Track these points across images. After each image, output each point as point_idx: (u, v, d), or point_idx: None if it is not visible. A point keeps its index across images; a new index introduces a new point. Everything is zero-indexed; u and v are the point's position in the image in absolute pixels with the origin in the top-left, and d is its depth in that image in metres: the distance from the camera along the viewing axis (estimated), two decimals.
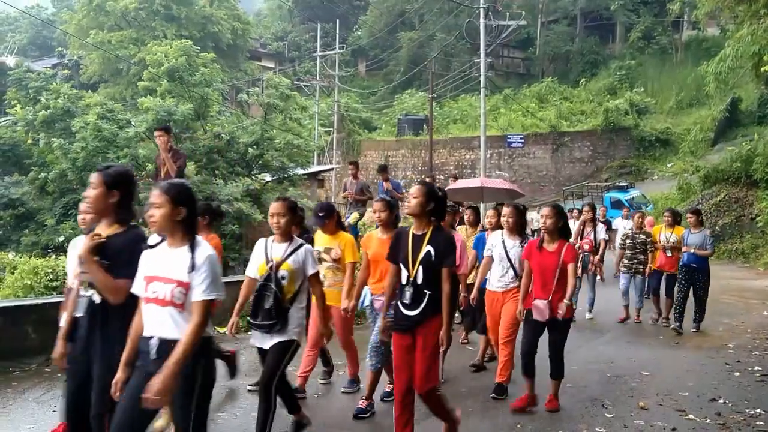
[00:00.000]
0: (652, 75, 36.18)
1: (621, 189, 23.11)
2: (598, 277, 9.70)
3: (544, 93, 37.12)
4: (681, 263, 8.71)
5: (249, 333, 4.51)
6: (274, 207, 4.29)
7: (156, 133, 7.62)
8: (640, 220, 9.56)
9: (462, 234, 6.86)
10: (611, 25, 40.95)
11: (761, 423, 5.09)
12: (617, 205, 20.23)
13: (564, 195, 25.32)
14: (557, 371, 5.27)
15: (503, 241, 5.74)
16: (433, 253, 4.04)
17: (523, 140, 32.01)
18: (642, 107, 32.66)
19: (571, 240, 9.24)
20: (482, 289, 5.98)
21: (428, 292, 4.05)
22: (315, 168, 27.89)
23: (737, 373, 6.60)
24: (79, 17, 40.81)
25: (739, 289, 12.73)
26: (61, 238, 15.79)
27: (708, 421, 5.11)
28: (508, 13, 26.55)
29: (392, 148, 35.55)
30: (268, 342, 4.15)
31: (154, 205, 3.00)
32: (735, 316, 9.95)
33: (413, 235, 4.16)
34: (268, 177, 19.14)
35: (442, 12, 41.12)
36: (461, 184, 13.87)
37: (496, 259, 5.72)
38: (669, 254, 9.05)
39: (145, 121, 16.71)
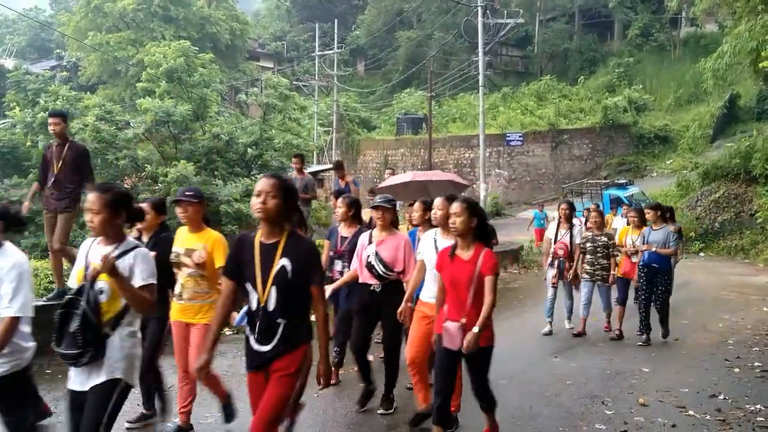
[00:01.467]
0: (651, 72, 36.19)
1: (620, 186, 23.07)
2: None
3: (542, 91, 37.11)
4: (641, 263, 7.84)
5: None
6: (87, 201, 3.16)
7: (50, 121, 6.44)
8: (599, 219, 8.32)
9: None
10: (609, 22, 40.95)
11: (761, 419, 5.10)
12: (617, 202, 20.21)
13: (563, 193, 25.29)
14: (488, 404, 4.37)
15: (435, 241, 4.73)
16: (290, 268, 3.10)
17: (522, 138, 32.00)
18: (641, 104, 32.64)
19: (546, 244, 8.61)
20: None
21: (283, 321, 3.12)
22: (314, 168, 27.88)
23: (737, 369, 6.61)
24: (77, 19, 40.79)
25: (739, 285, 12.75)
26: None
27: (708, 417, 5.12)
28: (506, 12, 26.60)
29: (391, 147, 35.54)
30: (86, 383, 3.08)
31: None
32: (735, 312, 9.95)
33: (261, 245, 3.17)
34: None
35: (440, 11, 41.10)
36: (392, 180, 12.04)
37: (428, 265, 4.66)
38: (635, 260, 8.11)
39: (144, 123, 16.70)
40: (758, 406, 5.35)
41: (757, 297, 11.32)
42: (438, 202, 4.79)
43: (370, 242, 5.15)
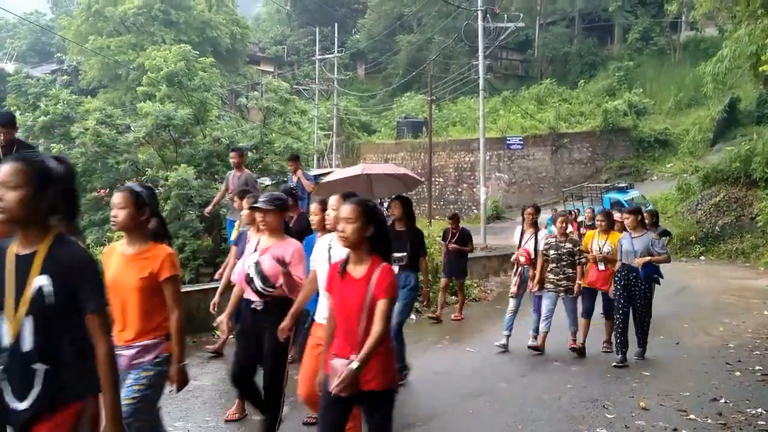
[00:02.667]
0: (651, 76, 36.23)
1: (620, 190, 23.09)
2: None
3: (542, 95, 37.14)
4: (617, 275, 7.09)
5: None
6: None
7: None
8: (564, 224, 7.61)
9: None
10: (609, 26, 41.01)
11: (762, 422, 5.08)
12: (617, 206, 20.22)
13: (564, 196, 25.30)
14: None
15: (329, 249, 3.94)
16: (49, 290, 2.17)
17: (522, 142, 32.01)
18: (641, 108, 32.67)
19: (517, 253, 7.78)
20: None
21: (42, 366, 2.18)
22: (315, 171, 27.88)
23: (738, 373, 6.60)
24: (78, 23, 40.88)
25: (739, 288, 12.75)
26: None
27: (709, 420, 5.11)
28: (506, 16, 26.58)
29: (391, 150, 35.55)
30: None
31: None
32: (736, 315, 9.94)
33: (16, 257, 2.22)
34: (267, 181, 19.15)
35: (440, 15, 41.17)
36: (339, 174, 9.82)
37: (321, 278, 3.85)
38: (602, 268, 7.37)
39: (145, 126, 16.72)
40: (759, 410, 5.34)
41: (757, 301, 11.31)
42: (332, 200, 4.08)
43: (255, 250, 4.29)
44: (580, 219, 15.72)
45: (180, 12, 39.77)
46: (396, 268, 5.26)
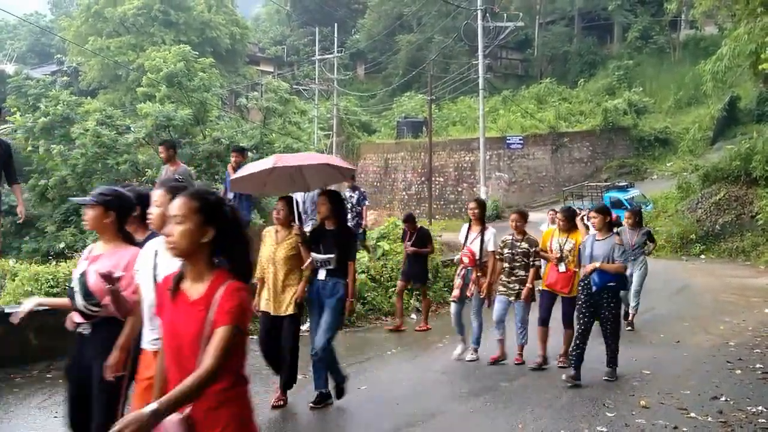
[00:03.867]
0: (651, 74, 36.21)
1: (621, 189, 23.09)
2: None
3: (542, 94, 37.12)
4: (581, 281, 6.27)
5: None
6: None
7: None
8: (517, 222, 6.79)
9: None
10: (609, 25, 41.00)
11: (763, 420, 5.08)
12: (617, 204, 20.23)
13: (564, 195, 25.30)
14: None
15: (155, 257, 3.13)
16: None
17: (522, 141, 32.00)
18: (641, 107, 32.66)
19: (461, 253, 6.87)
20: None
21: None
22: None
23: (739, 371, 6.60)
24: (78, 24, 40.89)
25: (740, 287, 12.74)
26: (62, 245, 15.80)
27: (710, 419, 5.11)
28: (505, 15, 26.62)
29: (392, 150, 35.55)
30: None
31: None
32: (736, 314, 9.93)
33: None
34: None
35: (439, 14, 41.18)
36: (249, 169, 6.11)
37: (145, 293, 3.13)
38: (563, 269, 6.67)
39: (145, 127, 16.75)
40: (760, 408, 5.34)
41: (758, 299, 11.30)
42: (156, 195, 3.16)
43: (86, 258, 3.44)
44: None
45: (179, 12, 39.77)
46: (322, 274, 5.20)
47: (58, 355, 6.07)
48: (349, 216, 10.13)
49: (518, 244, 6.71)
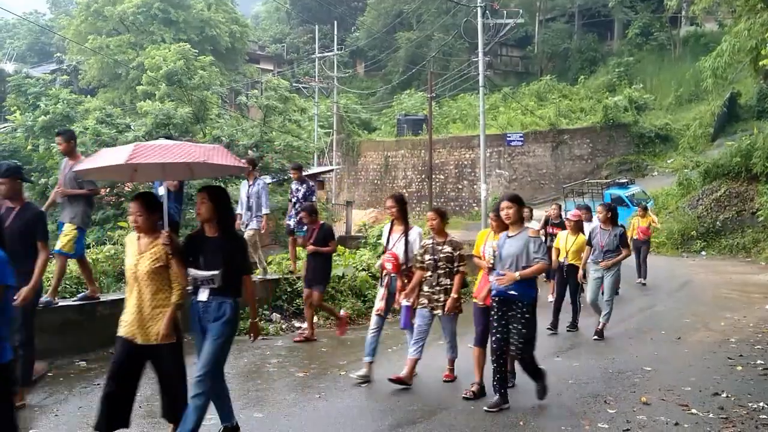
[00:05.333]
0: (651, 71, 36.20)
1: (621, 186, 23.10)
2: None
3: (542, 91, 37.12)
4: (492, 291, 5.30)
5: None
6: None
7: None
8: (438, 222, 5.82)
9: None
10: (609, 22, 40.98)
11: (764, 416, 5.08)
12: (618, 201, 20.22)
13: (564, 193, 25.29)
14: None
15: None
16: None
17: (522, 138, 32.00)
18: (641, 104, 32.63)
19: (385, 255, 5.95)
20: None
21: None
22: (315, 169, 27.90)
23: (740, 368, 6.59)
24: (77, 22, 40.86)
25: (741, 283, 12.74)
26: None
27: (711, 415, 5.11)
28: (505, 12, 26.57)
29: (392, 148, 35.56)
30: None
31: None
32: (737, 310, 9.94)
33: None
34: (268, 179, 19.17)
35: (439, 12, 41.14)
36: (97, 162, 4.21)
37: None
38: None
39: (145, 125, 16.75)
40: (761, 404, 5.34)
41: (759, 295, 11.30)
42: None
43: None
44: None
45: (179, 11, 39.73)
46: (203, 294, 4.04)
47: (58, 355, 6.08)
48: (292, 213, 9.61)
49: (440, 248, 5.75)
